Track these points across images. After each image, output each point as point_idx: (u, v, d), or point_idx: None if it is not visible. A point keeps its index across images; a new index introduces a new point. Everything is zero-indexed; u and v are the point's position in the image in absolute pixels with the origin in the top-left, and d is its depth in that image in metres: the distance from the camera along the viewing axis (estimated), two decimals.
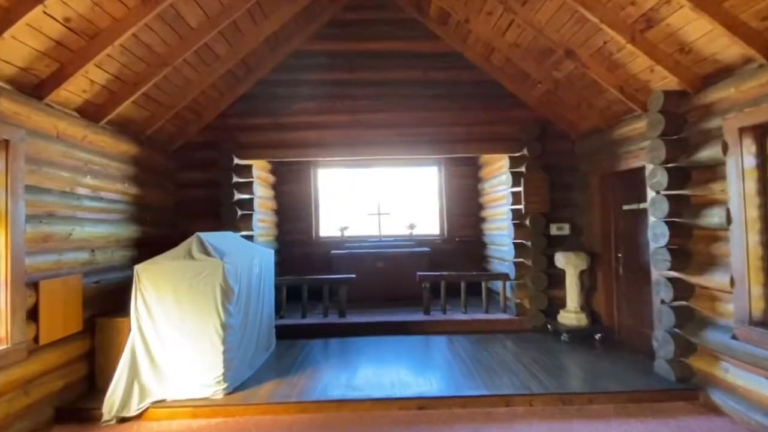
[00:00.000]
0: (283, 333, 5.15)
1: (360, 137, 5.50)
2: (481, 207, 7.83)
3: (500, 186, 6.58)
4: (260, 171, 6.65)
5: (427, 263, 6.98)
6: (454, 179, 8.01)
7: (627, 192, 4.76)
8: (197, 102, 5.09)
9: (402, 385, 3.71)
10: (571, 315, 5.02)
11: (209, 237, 3.82)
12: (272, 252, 4.91)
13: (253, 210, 5.47)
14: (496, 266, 6.93)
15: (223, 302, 3.46)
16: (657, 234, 3.73)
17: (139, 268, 3.47)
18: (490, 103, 5.56)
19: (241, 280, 3.79)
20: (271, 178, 7.41)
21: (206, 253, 3.60)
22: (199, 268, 3.47)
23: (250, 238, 5.40)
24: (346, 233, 7.88)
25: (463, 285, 5.75)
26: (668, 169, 3.64)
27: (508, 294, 5.74)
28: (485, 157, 7.29)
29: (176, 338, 3.44)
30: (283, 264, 7.59)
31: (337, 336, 5.27)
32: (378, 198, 8.00)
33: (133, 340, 3.44)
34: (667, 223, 3.65)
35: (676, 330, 3.67)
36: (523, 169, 5.47)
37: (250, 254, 4.24)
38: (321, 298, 5.71)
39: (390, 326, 5.40)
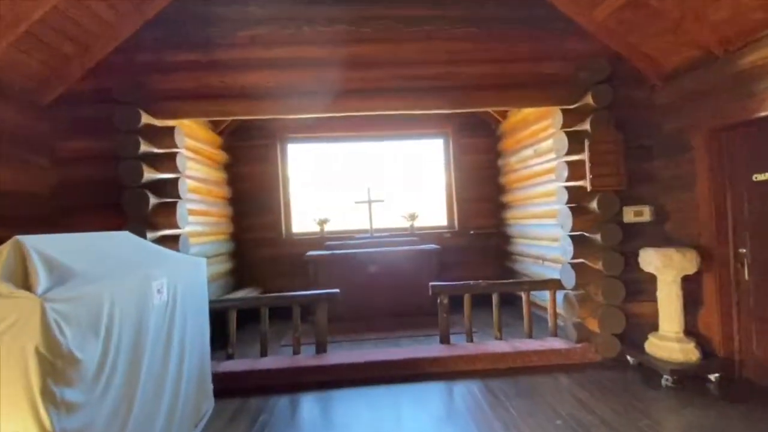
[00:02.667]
0: (230, 385, 3.32)
1: (339, 82, 3.63)
2: (501, 190, 6.07)
3: (535, 159, 4.83)
4: (202, 145, 4.74)
5: (436, 265, 5.24)
6: (466, 155, 6.22)
7: (761, 154, 3.04)
8: (78, 24, 3.15)
9: None
10: (672, 344, 3.28)
11: (51, 243, 1.93)
12: (202, 262, 3.02)
13: (178, 197, 3.57)
14: (530, 267, 5.18)
15: (46, 388, 1.59)
16: None
17: None
18: (532, 29, 3.75)
19: (113, 328, 1.92)
20: (223, 156, 5.50)
21: (22, 280, 1.71)
22: None
23: (175, 239, 3.52)
24: (327, 228, 6.07)
25: (495, 298, 3.98)
26: None
27: (560, 310, 4.00)
28: (511, 120, 5.50)
29: None
30: (241, 272, 5.74)
31: (313, 388, 3.43)
32: (368, 181, 6.19)
33: None
34: None
35: None
36: (586, 126, 3.68)
37: (147, 272, 2.36)
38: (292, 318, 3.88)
39: (393, 367, 3.60)
